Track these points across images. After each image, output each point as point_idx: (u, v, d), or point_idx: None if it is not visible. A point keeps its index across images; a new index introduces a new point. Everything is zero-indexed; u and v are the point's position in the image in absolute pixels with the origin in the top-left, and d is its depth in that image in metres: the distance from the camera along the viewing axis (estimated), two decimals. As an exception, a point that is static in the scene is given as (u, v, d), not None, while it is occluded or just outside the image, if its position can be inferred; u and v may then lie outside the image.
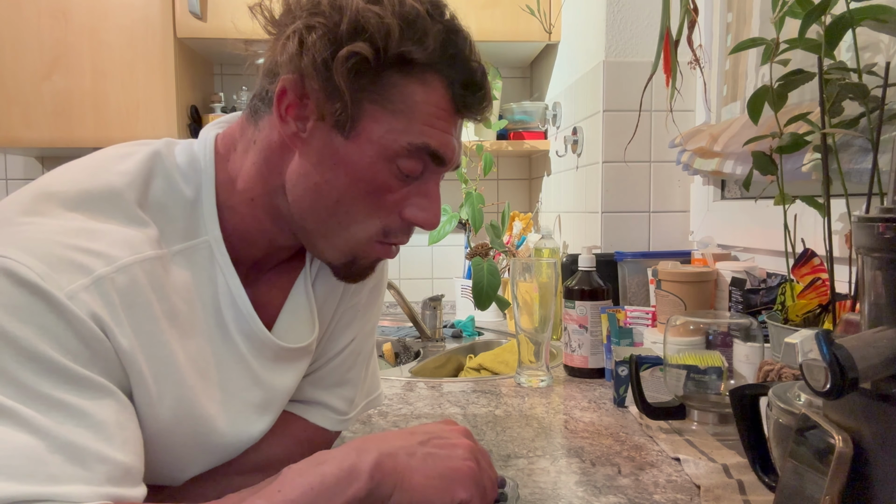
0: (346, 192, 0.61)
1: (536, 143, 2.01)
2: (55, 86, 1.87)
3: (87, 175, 0.59)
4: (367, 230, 0.64)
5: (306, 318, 0.72)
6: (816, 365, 0.46)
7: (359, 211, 0.63)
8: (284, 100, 0.60)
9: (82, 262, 0.52)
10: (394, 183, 0.62)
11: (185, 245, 0.61)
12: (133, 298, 0.54)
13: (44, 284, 0.49)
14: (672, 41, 1.01)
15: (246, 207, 0.64)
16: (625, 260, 1.47)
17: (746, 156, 1.10)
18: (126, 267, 0.54)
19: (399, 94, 0.59)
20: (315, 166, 0.61)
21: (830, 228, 0.88)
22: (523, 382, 1.21)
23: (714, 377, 0.92)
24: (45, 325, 0.49)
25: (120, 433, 0.51)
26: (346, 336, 0.79)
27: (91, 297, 0.51)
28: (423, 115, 0.60)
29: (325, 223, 0.63)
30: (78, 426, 0.48)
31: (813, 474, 0.50)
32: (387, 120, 0.60)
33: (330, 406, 0.77)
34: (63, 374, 0.49)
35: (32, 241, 0.51)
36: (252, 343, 0.66)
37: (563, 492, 0.74)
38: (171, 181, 0.62)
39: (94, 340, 0.51)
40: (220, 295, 0.63)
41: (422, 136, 0.61)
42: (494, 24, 1.92)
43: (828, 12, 0.83)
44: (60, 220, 0.54)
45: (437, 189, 0.66)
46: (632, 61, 1.53)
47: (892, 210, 0.48)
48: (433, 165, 0.63)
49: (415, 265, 2.27)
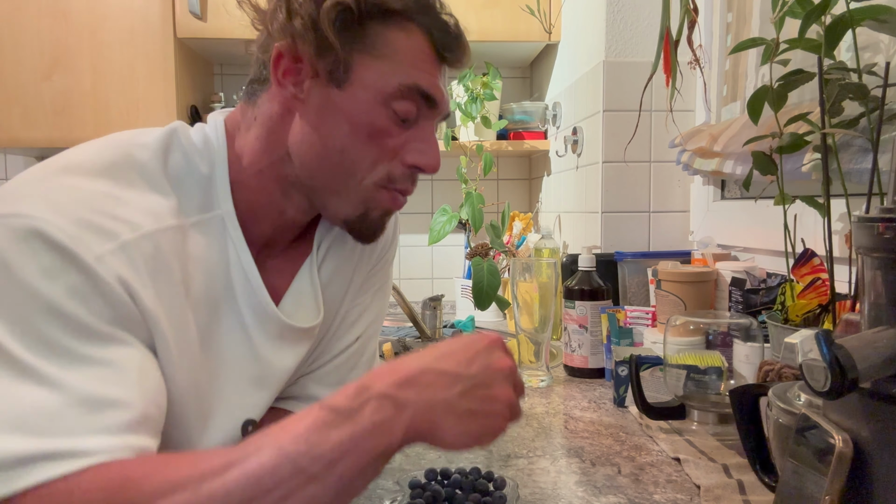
0: (348, 141, 0.64)
1: (536, 143, 2.01)
2: (55, 86, 1.87)
3: (109, 147, 0.61)
4: (374, 176, 0.66)
5: (310, 302, 0.73)
6: (816, 365, 0.46)
7: (363, 157, 0.65)
8: (280, 65, 0.64)
9: (110, 228, 0.54)
10: (392, 127, 0.65)
11: (200, 217, 0.63)
12: (156, 265, 0.56)
13: (73, 246, 0.51)
14: (672, 41, 1.01)
15: (255, 181, 0.67)
16: (625, 260, 1.47)
17: (746, 156, 1.10)
18: (150, 234, 0.56)
19: (384, 41, 0.64)
20: (316, 123, 0.64)
21: (830, 228, 0.88)
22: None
23: (714, 377, 0.92)
24: (74, 285, 0.50)
25: (142, 381, 0.52)
26: (350, 334, 0.79)
27: (118, 261, 0.53)
28: (408, 59, 0.64)
29: (333, 176, 0.66)
30: (99, 376, 0.49)
31: (813, 474, 0.50)
32: (377, 66, 0.64)
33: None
34: (89, 331, 0.50)
35: (62, 203, 0.53)
36: (258, 317, 0.67)
37: (563, 492, 0.74)
38: (188, 157, 0.64)
39: (120, 302, 0.52)
40: (232, 267, 0.65)
41: (411, 76, 0.64)
42: (494, 24, 1.92)
43: (828, 12, 0.83)
44: (88, 185, 0.56)
45: (434, 133, 0.69)
46: (632, 61, 1.53)
47: (892, 210, 0.48)
48: (426, 108, 0.66)
49: (415, 265, 2.27)
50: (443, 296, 1.76)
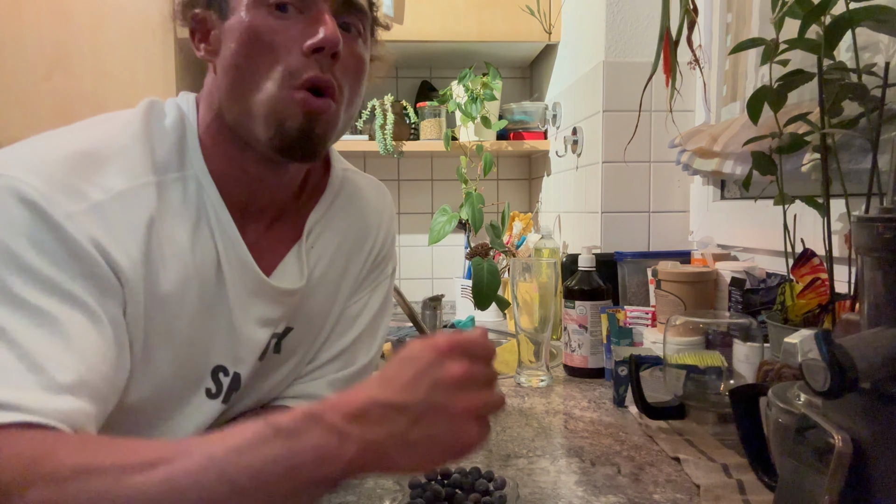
0: (241, 56, 0.64)
1: (536, 143, 2.01)
2: (55, 86, 1.87)
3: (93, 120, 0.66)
4: (273, 79, 0.64)
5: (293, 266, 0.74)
6: (816, 365, 0.46)
7: (257, 64, 0.64)
8: (195, 36, 0.68)
9: (83, 189, 0.56)
10: (273, 23, 0.64)
11: (177, 175, 0.65)
12: (129, 223, 0.58)
13: (43, 203, 0.53)
14: (672, 41, 1.01)
15: (212, 144, 0.68)
16: (625, 260, 1.47)
17: (746, 156, 1.10)
18: (123, 193, 0.59)
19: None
20: (221, 61, 0.66)
21: (830, 228, 0.88)
22: (523, 382, 1.21)
23: (714, 377, 0.92)
24: (39, 239, 0.52)
25: (83, 347, 0.52)
26: (350, 332, 0.80)
27: (89, 221, 0.55)
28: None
29: (241, 98, 0.65)
30: (47, 334, 0.50)
31: (813, 474, 0.50)
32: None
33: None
34: (46, 283, 0.52)
35: (40, 164, 0.56)
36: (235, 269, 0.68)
37: (563, 492, 0.74)
38: (162, 123, 0.67)
39: (88, 258, 0.54)
40: (212, 223, 0.66)
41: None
42: (494, 24, 1.92)
43: (827, 12, 0.83)
44: (69, 146, 0.59)
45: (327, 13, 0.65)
46: (632, 61, 1.53)
47: (892, 210, 0.48)
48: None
49: (415, 265, 2.27)
50: (443, 296, 1.76)
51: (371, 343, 0.82)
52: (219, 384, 0.68)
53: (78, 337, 0.51)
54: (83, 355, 0.51)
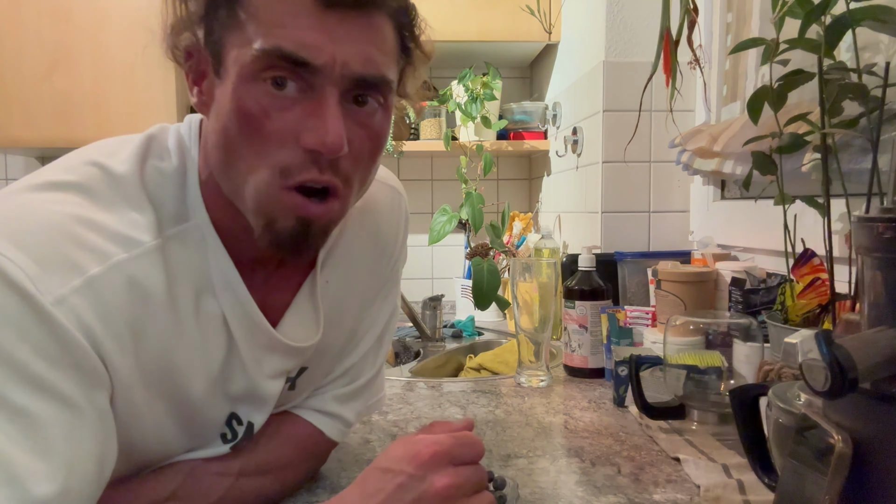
0: (230, 134, 0.55)
1: (536, 143, 2.01)
2: (55, 86, 1.87)
3: (84, 163, 0.58)
4: (263, 172, 0.55)
5: (310, 322, 0.70)
6: (816, 365, 0.46)
7: (245, 150, 0.55)
8: (190, 78, 0.60)
9: (76, 261, 0.51)
10: (269, 104, 0.54)
11: (177, 229, 0.59)
12: (129, 297, 0.53)
13: (31, 289, 0.47)
14: (672, 41, 1.01)
15: (219, 197, 0.61)
16: (625, 260, 1.47)
17: (746, 156, 1.10)
18: (120, 265, 0.53)
19: (241, 5, 0.54)
20: (212, 121, 0.58)
21: (830, 228, 0.88)
22: (523, 382, 1.21)
23: (714, 377, 0.92)
24: (28, 330, 0.47)
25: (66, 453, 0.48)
26: (363, 345, 0.79)
27: (82, 301, 0.50)
28: (270, 17, 0.53)
29: (230, 178, 0.58)
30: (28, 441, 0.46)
31: (813, 474, 0.50)
32: (238, 38, 0.54)
33: (342, 418, 0.77)
34: (33, 381, 0.47)
35: (27, 232, 0.50)
36: (244, 326, 0.63)
37: (563, 492, 0.74)
38: (160, 165, 0.60)
39: (77, 348, 0.49)
40: (214, 278, 0.61)
41: (270, 37, 0.52)
42: (494, 24, 1.92)
43: (828, 12, 0.83)
44: (58, 207, 0.53)
45: (331, 105, 0.54)
46: (632, 61, 1.53)
47: (892, 210, 0.48)
48: (308, 74, 0.54)
49: (415, 265, 2.26)
50: (443, 296, 1.76)
51: (377, 356, 0.81)
52: (234, 432, 0.67)
53: (63, 439, 0.47)
54: (67, 461, 0.47)
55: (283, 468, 0.71)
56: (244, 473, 0.67)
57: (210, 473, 0.66)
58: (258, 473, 0.68)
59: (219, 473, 0.66)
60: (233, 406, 0.66)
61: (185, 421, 0.62)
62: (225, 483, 0.66)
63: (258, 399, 0.67)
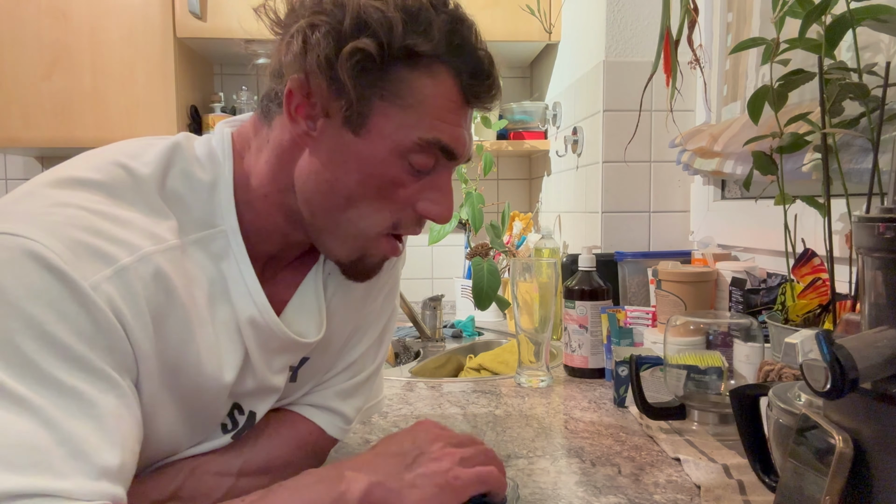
0: (357, 188, 0.61)
1: (536, 143, 2.01)
2: (55, 86, 1.87)
3: (107, 162, 0.59)
4: (378, 226, 0.64)
5: (314, 315, 0.72)
6: (817, 365, 0.46)
7: (370, 207, 0.63)
8: (293, 100, 0.60)
9: (106, 251, 0.52)
10: (405, 178, 0.62)
11: (201, 234, 0.61)
12: (155, 288, 0.54)
13: (69, 271, 0.49)
14: (672, 41, 1.01)
15: (260, 203, 0.64)
16: (625, 260, 1.47)
17: (746, 156, 1.10)
18: (148, 256, 0.54)
19: (408, 88, 0.59)
20: (325, 164, 0.61)
21: (831, 228, 0.88)
22: (523, 382, 1.20)
23: (714, 377, 0.92)
24: (67, 312, 0.48)
25: (118, 429, 0.50)
26: (363, 342, 0.79)
27: (113, 288, 0.51)
28: (433, 109, 0.60)
29: (335, 220, 0.63)
30: (85, 417, 0.48)
31: (813, 474, 0.50)
32: (397, 115, 0.60)
33: (341, 414, 0.77)
34: (78, 362, 0.48)
35: (58, 224, 0.51)
36: (259, 334, 0.65)
37: (563, 492, 0.74)
38: (190, 171, 0.62)
39: (112, 331, 0.51)
40: (232, 285, 0.63)
41: (433, 130, 0.61)
42: (494, 24, 1.92)
43: (828, 12, 0.83)
44: (84, 202, 0.54)
45: (450, 182, 0.65)
46: (632, 61, 1.53)
47: (893, 210, 0.48)
48: (444, 159, 0.63)
49: (415, 265, 2.26)
50: (443, 296, 1.76)
51: (378, 351, 0.82)
52: (234, 421, 0.68)
53: (114, 418, 0.49)
54: (120, 438, 0.49)
55: (284, 467, 0.71)
56: (244, 473, 0.68)
57: (210, 473, 0.66)
58: (259, 473, 0.68)
59: (219, 473, 0.66)
60: (237, 398, 0.67)
61: (190, 412, 0.62)
62: (226, 483, 0.66)
63: (264, 392, 0.69)
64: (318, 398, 0.76)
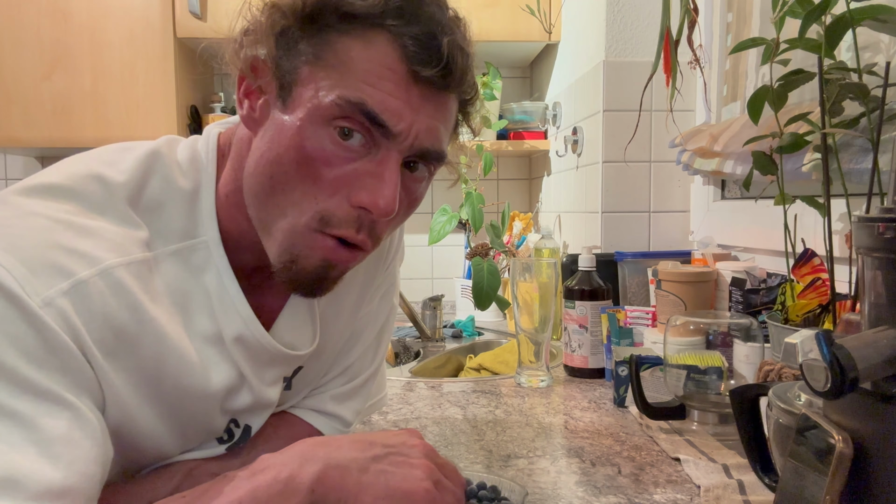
0: (278, 163, 0.55)
1: (536, 143, 2.01)
2: (55, 86, 1.87)
3: (81, 170, 0.57)
4: (304, 213, 0.56)
5: (306, 326, 0.70)
6: (816, 365, 0.46)
7: (295, 191, 0.56)
8: (243, 85, 0.59)
9: (63, 265, 0.50)
10: (332, 154, 0.55)
11: (180, 245, 0.59)
12: (117, 303, 0.52)
13: (18, 291, 0.47)
14: (672, 41, 1.01)
15: (232, 208, 0.61)
16: (625, 260, 1.47)
17: (746, 156, 1.10)
18: (110, 270, 0.52)
19: (332, 50, 0.55)
20: (260, 144, 0.58)
21: (830, 228, 0.88)
22: (523, 382, 1.20)
23: (714, 377, 0.92)
24: (15, 333, 0.47)
25: (66, 452, 0.47)
26: (360, 345, 0.78)
27: (69, 303, 0.49)
28: (360, 72, 0.54)
29: (264, 207, 0.58)
30: (24, 443, 0.45)
31: (813, 474, 0.50)
32: (319, 77, 0.55)
33: (340, 418, 0.77)
34: (22, 385, 0.46)
35: (17, 235, 0.50)
36: (249, 348, 0.63)
37: (563, 492, 0.74)
38: (170, 178, 0.59)
39: (64, 350, 0.49)
40: (216, 298, 0.60)
41: (357, 91, 0.54)
42: (494, 24, 1.92)
43: (828, 12, 0.83)
44: (50, 212, 0.52)
45: (394, 171, 0.56)
46: (632, 61, 1.53)
47: (893, 210, 0.48)
48: (380, 136, 0.55)
49: (415, 265, 2.27)
50: (443, 296, 1.76)
51: (375, 354, 0.81)
52: (230, 434, 0.67)
53: (62, 441, 0.47)
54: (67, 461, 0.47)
55: None
56: None
57: (208, 474, 0.65)
58: None
59: (217, 474, 0.66)
60: (234, 415, 0.66)
61: (177, 423, 0.61)
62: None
63: (259, 406, 0.68)
64: (315, 402, 0.76)
